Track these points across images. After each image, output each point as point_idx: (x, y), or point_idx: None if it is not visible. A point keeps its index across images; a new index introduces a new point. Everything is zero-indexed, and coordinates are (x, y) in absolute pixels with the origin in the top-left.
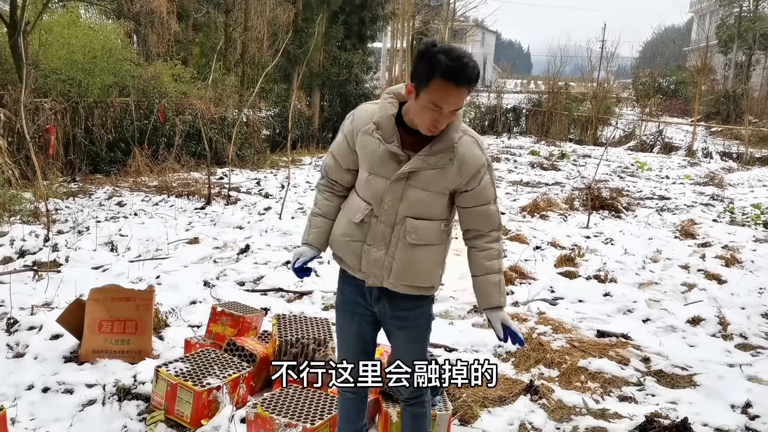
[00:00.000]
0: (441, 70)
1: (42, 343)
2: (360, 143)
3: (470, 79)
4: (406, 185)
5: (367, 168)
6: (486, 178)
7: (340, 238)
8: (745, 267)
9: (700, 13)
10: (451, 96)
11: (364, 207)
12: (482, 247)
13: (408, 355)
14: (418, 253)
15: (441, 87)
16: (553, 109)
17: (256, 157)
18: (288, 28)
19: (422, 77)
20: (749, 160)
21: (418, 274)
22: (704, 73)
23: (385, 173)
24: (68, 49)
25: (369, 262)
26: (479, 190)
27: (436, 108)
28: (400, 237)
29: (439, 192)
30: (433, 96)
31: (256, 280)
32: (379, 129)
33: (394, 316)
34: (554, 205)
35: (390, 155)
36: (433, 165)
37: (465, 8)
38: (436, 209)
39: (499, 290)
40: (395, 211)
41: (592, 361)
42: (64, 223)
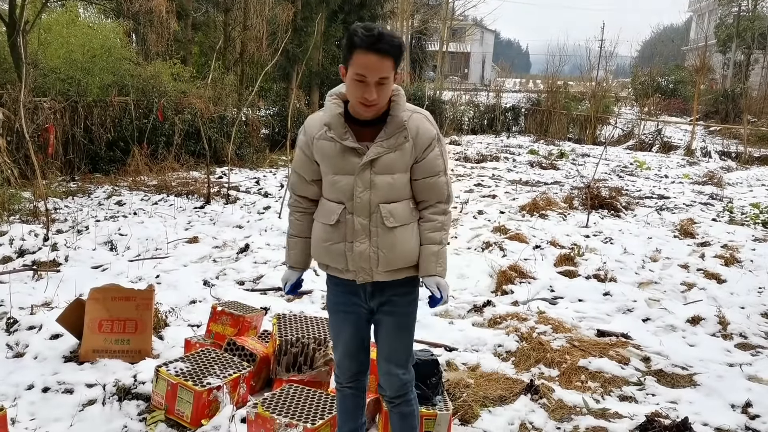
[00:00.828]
0: (358, 41)
1: (42, 343)
2: (317, 150)
3: (388, 45)
4: (372, 173)
5: (330, 170)
6: (436, 150)
7: (321, 244)
8: (744, 266)
9: (698, 12)
10: (372, 64)
11: (337, 207)
12: (428, 218)
13: (396, 343)
14: (398, 234)
15: (361, 57)
16: (552, 108)
17: (255, 156)
18: (287, 27)
19: (346, 54)
20: (748, 159)
21: (403, 255)
22: (703, 72)
23: (349, 169)
24: (67, 48)
25: (354, 258)
26: (429, 161)
27: (362, 78)
28: (378, 224)
29: (402, 171)
30: (356, 67)
31: (255, 280)
32: (331, 129)
33: (386, 302)
34: (553, 205)
35: (348, 151)
36: (391, 147)
37: (464, 7)
38: (403, 190)
39: (437, 261)
40: (368, 201)
41: (592, 361)
42: (63, 223)
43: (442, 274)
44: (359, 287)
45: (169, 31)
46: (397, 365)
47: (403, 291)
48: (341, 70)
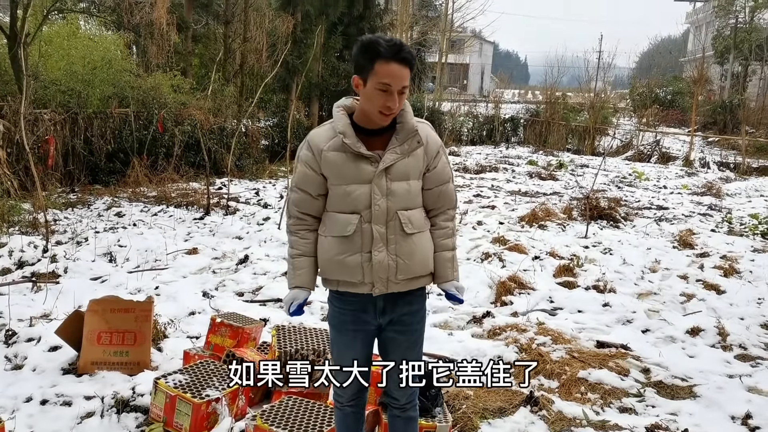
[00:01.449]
0: (383, 50)
1: (40, 355)
2: (326, 162)
3: (409, 55)
4: (388, 180)
5: (342, 181)
6: (443, 159)
7: (335, 258)
8: (743, 277)
9: (696, 24)
10: (395, 73)
11: (353, 218)
12: (439, 225)
13: (407, 357)
14: (415, 241)
15: (385, 66)
16: (550, 119)
17: (255, 167)
18: (287, 39)
19: (366, 64)
20: (746, 170)
21: (421, 263)
22: (701, 83)
23: (363, 178)
24: (68, 60)
25: (374, 268)
26: (439, 169)
27: (386, 88)
28: (396, 232)
29: (416, 178)
30: (380, 76)
31: (255, 291)
32: (346, 136)
33: (398, 321)
34: (553, 215)
35: (361, 159)
36: (405, 153)
37: (463, 19)
38: (418, 197)
39: (453, 266)
40: (386, 208)
41: (591, 372)
42: (62, 234)
43: (458, 278)
44: (369, 303)
45: (169, 43)
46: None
47: (414, 309)
48: (355, 81)
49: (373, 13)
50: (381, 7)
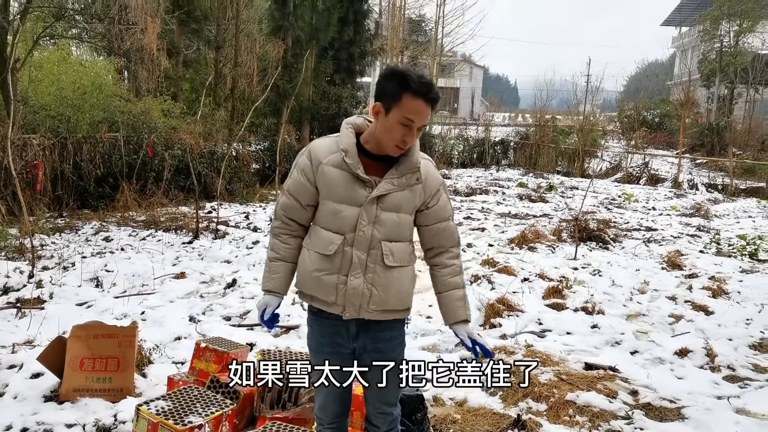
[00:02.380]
0: (412, 85)
1: (22, 382)
2: (322, 175)
3: (436, 95)
4: (378, 209)
5: (334, 199)
6: (443, 196)
7: (312, 274)
8: (731, 298)
9: (682, 48)
10: (422, 110)
11: (336, 237)
12: (445, 263)
13: (388, 385)
14: (395, 274)
15: (413, 100)
16: (540, 141)
17: (245, 191)
18: (278, 63)
19: (393, 94)
20: (734, 191)
21: (397, 297)
22: (688, 106)
23: (354, 201)
24: (58, 86)
25: (347, 292)
26: (439, 206)
27: (408, 122)
28: (376, 261)
29: (408, 212)
30: (405, 110)
31: (242, 315)
32: (348, 155)
33: (374, 349)
34: (542, 237)
35: (357, 182)
36: (401, 186)
37: (452, 43)
38: (406, 230)
39: (464, 304)
40: (370, 236)
41: (580, 395)
42: (49, 259)
43: (469, 318)
44: (342, 327)
45: (160, 68)
46: (390, 404)
47: (390, 335)
48: (376, 108)
49: (364, 37)
50: (371, 32)
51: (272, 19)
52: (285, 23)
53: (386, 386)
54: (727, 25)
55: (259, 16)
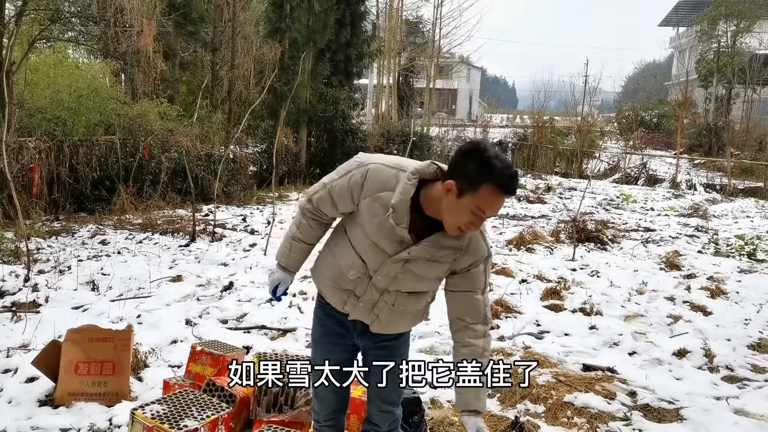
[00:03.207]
0: (497, 177)
1: (17, 387)
2: (368, 208)
3: (516, 189)
4: (404, 267)
5: (371, 235)
6: (480, 267)
7: (328, 281)
8: (730, 298)
9: (679, 48)
10: (499, 204)
11: (360, 265)
12: (466, 342)
13: (391, 384)
14: (404, 317)
15: (492, 194)
16: (538, 142)
17: (242, 194)
18: (274, 65)
19: (473, 179)
20: (732, 191)
21: (401, 327)
22: (685, 106)
23: (387, 249)
24: (54, 89)
25: (355, 309)
26: (471, 275)
27: (480, 213)
28: (387, 302)
29: (435, 276)
30: (482, 201)
31: (239, 318)
32: (395, 212)
33: (380, 347)
34: (540, 238)
35: (396, 234)
36: (435, 258)
37: (450, 45)
38: (429, 287)
39: (478, 395)
40: (388, 284)
41: (578, 396)
42: (45, 263)
43: (483, 410)
44: (348, 321)
45: (156, 71)
46: (392, 404)
47: (396, 335)
48: (449, 186)
49: (361, 39)
50: (369, 34)
51: (269, 22)
52: (282, 25)
53: (390, 385)
54: (725, 26)
55: (256, 19)
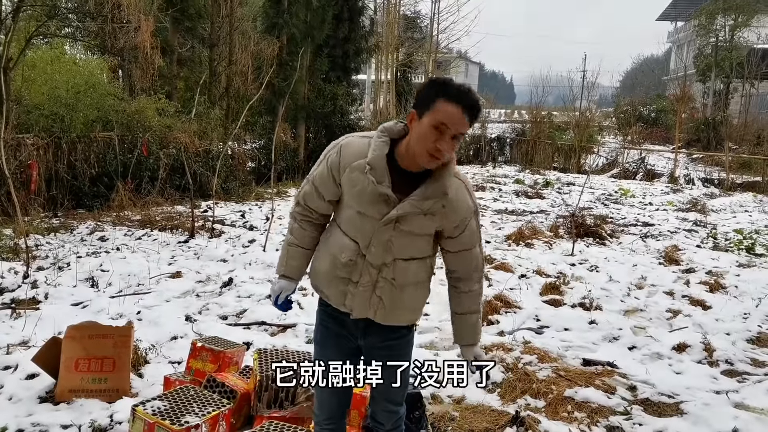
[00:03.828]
0: (447, 90)
1: (17, 383)
2: (348, 180)
3: (473, 102)
4: (395, 229)
5: (355, 206)
6: (472, 224)
7: (324, 275)
8: (729, 292)
9: (677, 43)
10: (456, 115)
11: (351, 246)
12: (463, 288)
13: (395, 384)
14: (406, 292)
15: (447, 105)
16: (536, 138)
17: (241, 190)
18: (272, 61)
19: (427, 100)
20: (731, 186)
21: (406, 313)
22: (684, 101)
23: (375, 213)
24: (51, 85)
25: (354, 300)
26: (465, 235)
27: (440, 127)
28: (387, 278)
29: (427, 233)
30: (439, 114)
31: (239, 314)
32: (373, 169)
33: (382, 347)
34: (539, 233)
35: (380, 196)
36: (424, 210)
37: (448, 40)
38: (423, 249)
39: (475, 330)
40: (382, 253)
41: (578, 391)
42: (44, 260)
43: (477, 341)
44: (350, 322)
45: (154, 67)
46: (396, 404)
47: (399, 334)
48: (411, 115)
49: (359, 35)
50: (367, 30)
51: (267, 17)
52: (279, 21)
53: (394, 385)
54: (723, 20)
55: (254, 14)
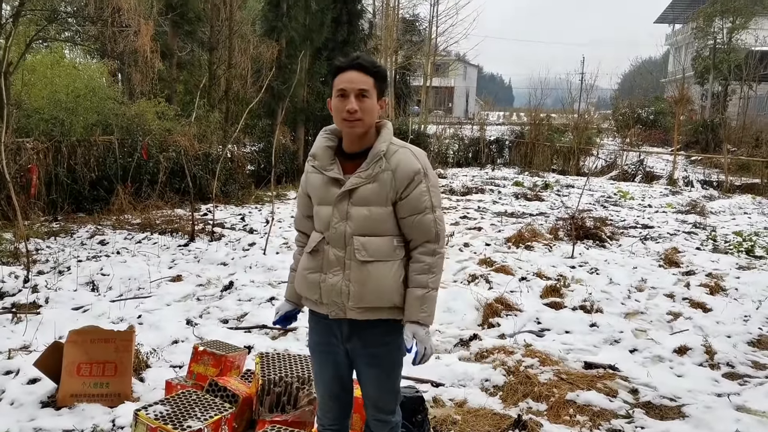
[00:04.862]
0: (339, 63)
1: (19, 388)
2: (307, 182)
3: (365, 62)
4: (349, 204)
5: (315, 201)
6: (421, 186)
7: (301, 273)
8: (729, 295)
9: (675, 45)
10: (350, 78)
11: (317, 236)
12: (415, 258)
13: (383, 391)
14: (371, 269)
15: (341, 75)
16: (535, 140)
17: (240, 193)
18: (272, 64)
19: (330, 82)
20: (729, 188)
21: (375, 293)
22: (682, 103)
23: (329, 200)
24: (51, 89)
25: (327, 290)
26: (413, 198)
27: (342, 93)
28: (352, 257)
29: (381, 204)
30: (337, 84)
31: (239, 318)
32: (316, 159)
33: (366, 354)
34: (539, 236)
35: (331, 182)
36: (369, 178)
37: (446, 43)
38: (383, 224)
39: (420, 306)
40: (343, 232)
41: (580, 394)
42: (44, 264)
43: (425, 321)
44: (335, 327)
45: (153, 71)
46: (386, 412)
47: (384, 341)
48: (329, 105)
49: (358, 38)
50: (365, 33)
51: (266, 21)
52: (279, 24)
53: (380, 393)
54: (721, 22)
55: (253, 18)
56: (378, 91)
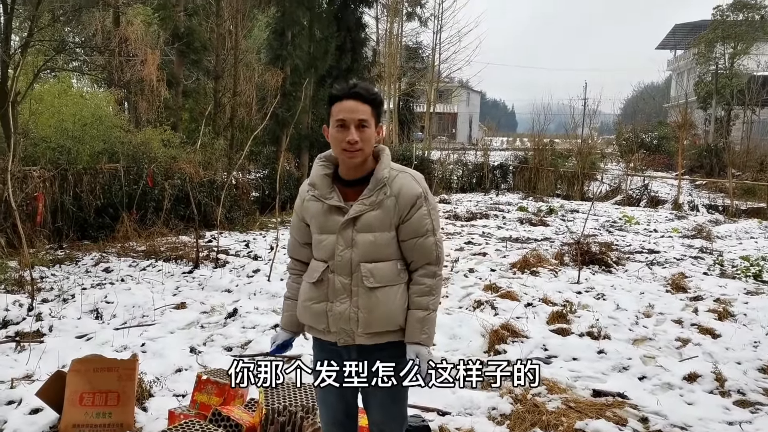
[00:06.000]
0: (335, 92)
1: (21, 418)
2: (305, 210)
3: (364, 91)
4: (354, 231)
5: (317, 230)
6: (423, 210)
7: (303, 303)
8: (738, 320)
9: (677, 71)
10: (348, 108)
11: (320, 266)
12: (416, 280)
13: (390, 416)
14: (379, 295)
15: (338, 105)
16: (539, 165)
17: (245, 219)
18: (276, 92)
19: (327, 113)
20: (735, 212)
21: (384, 318)
22: (685, 128)
23: (332, 227)
24: (58, 118)
25: (335, 318)
26: (414, 221)
27: (341, 123)
28: (359, 284)
29: (385, 230)
30: (336, 114)
31: (244, 345)
32: (315, 188)
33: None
34: (544, 261)
35: (332, 210)
36: (373, 205)
37: (449, 69)
38: (387, 249)
39: (422, 328)
40: (349, 259)
41: (589, 423)
42: (49, 291)
43: (425, 342)
44: (344, 353)
45: (159, 99)
46: None
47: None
48: (324, 132)
49: (361, 65)
50: (369, 60)
51: (271, 49)
52: (283, 52)
53: (386, 418)
54: (722, 48)
55: (258, 46)
56: (375, 119)
